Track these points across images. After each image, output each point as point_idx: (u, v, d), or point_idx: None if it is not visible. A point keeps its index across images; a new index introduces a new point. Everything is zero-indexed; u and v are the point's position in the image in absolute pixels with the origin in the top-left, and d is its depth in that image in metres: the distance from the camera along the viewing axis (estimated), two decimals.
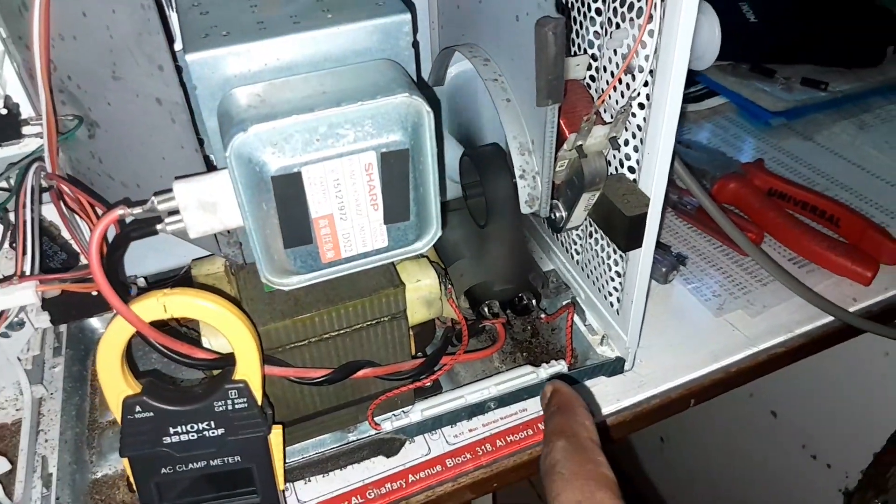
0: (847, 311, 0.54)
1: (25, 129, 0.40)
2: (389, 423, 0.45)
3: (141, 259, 0.50)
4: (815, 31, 0.81)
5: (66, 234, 0.44)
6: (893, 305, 0.57)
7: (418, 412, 0.45)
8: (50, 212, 0.43)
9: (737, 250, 0.61)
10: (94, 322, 0.55)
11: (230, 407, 0.36)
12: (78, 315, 0.46)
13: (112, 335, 0.34)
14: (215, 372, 0.40)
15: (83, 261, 0.43)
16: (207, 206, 0.33)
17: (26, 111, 0.41)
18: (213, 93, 0.33)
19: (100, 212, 0.40)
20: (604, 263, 0.48)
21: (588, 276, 0.51)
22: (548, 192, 0.38)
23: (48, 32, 0.34)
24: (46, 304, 0.44)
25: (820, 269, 0.59)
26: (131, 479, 0.37)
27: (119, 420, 0.36)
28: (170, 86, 0.34)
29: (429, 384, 0.47)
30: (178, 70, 0.34)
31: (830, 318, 0.55)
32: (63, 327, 0.54)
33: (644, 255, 0.42)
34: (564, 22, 0.31)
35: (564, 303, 0.53)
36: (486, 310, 0.51)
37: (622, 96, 0.40)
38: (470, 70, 0.48)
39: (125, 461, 0.37)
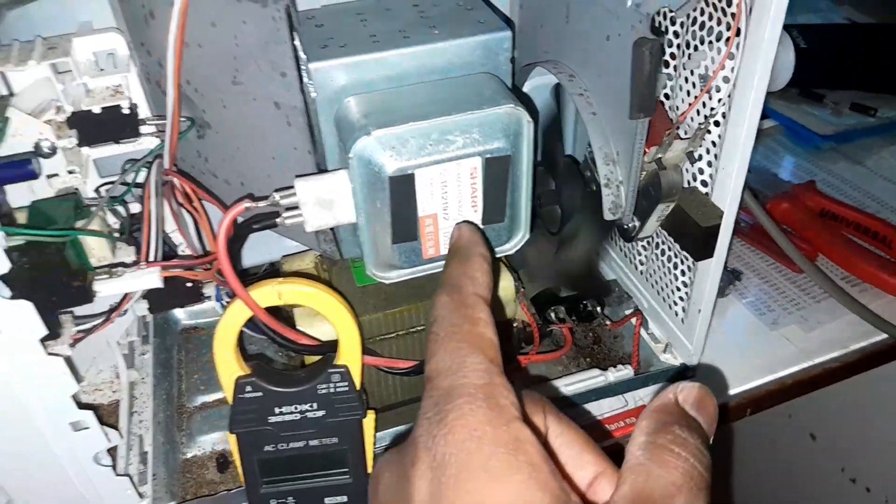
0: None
1: (142, 129, 0.43)
2: None
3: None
4: (863, 57, 0.83)
5: (169, 226, 0.47)
6: None
7: None
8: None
9: (791, 267, 0.63)
10: (178, 313, 0.59)
11: (332, 390, 0.39)
12: (172, 304, 0.49)
13: (230, 318, 0.37)
14: (311, 358, 0.43)
15: (181, 252, 0.46)
16: (325, 202, 0.36)
17: (142, 111, 0.44)
18: (330, 99, 0.36)
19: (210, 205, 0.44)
20: (670, 273, 0.50)
21: (652, 287, 0.54)
22: (632, 201, 0.41)
23: (182, 43, 0.38)
24: (146, 292, 0.48)
25: (872, 289, 0.61)
26: (235, 456, 0.40)
27: (230, 398, 0.39)
28: (291, 91, 0.37)
29: None
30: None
31: (884, 336, 0.57)
32: (149, 317, 0.57)
33: (714, 266, 0.45)
34: (660, 44, 0.34)
35: (628, 311, 0.55)
36: (552, 314, 0.54)
37: (697, 113, 0.42)
38: (534, 88, 0.50)
39: (231, 438, 0.40)
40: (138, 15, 0.42)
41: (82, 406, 0.37)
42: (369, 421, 0.40)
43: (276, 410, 0.39)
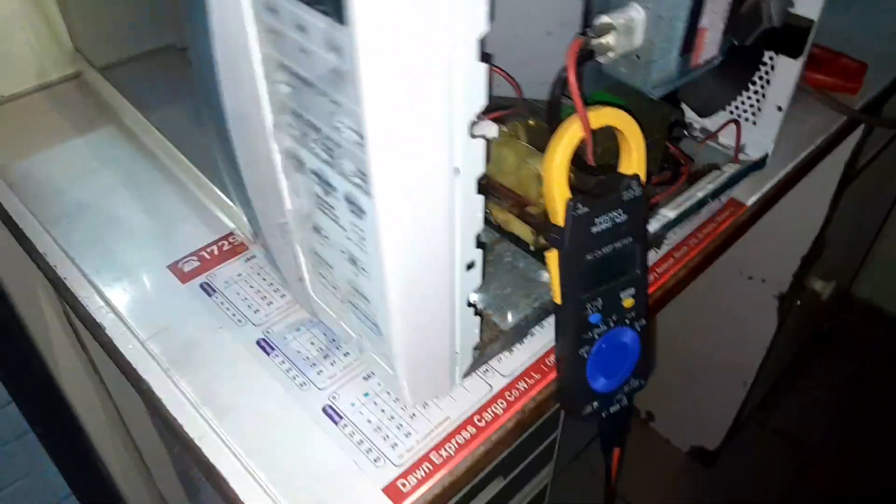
0: (854, 109, 0.77)
1: None
2: (656, 223, 0.58)
3: None
4: None
5: None
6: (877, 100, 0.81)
7: (671, 211, 0.59)
8: None
9: None
10: None
11: (631, 196, 0.47)
12: None
13: (568, 141, 0.43)
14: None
15: None
16: (628, 30, 0.44)
17: None
18: None
19: None
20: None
21: None
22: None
23: None
24: None
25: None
26: (554, 272, 0.47)
27: (561, 220, 0.45)
28: None
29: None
30: None
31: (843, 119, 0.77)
32: None
33: (800, 64, 0.59)
34: None
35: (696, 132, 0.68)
36: None
37: None
38: None
39: (551, 257, 0.46)
40: None
41: None
42: None
43: (596, 221, 0.46)
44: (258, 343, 0.53)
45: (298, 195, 0.42)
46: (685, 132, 0.67)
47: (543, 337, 0.54)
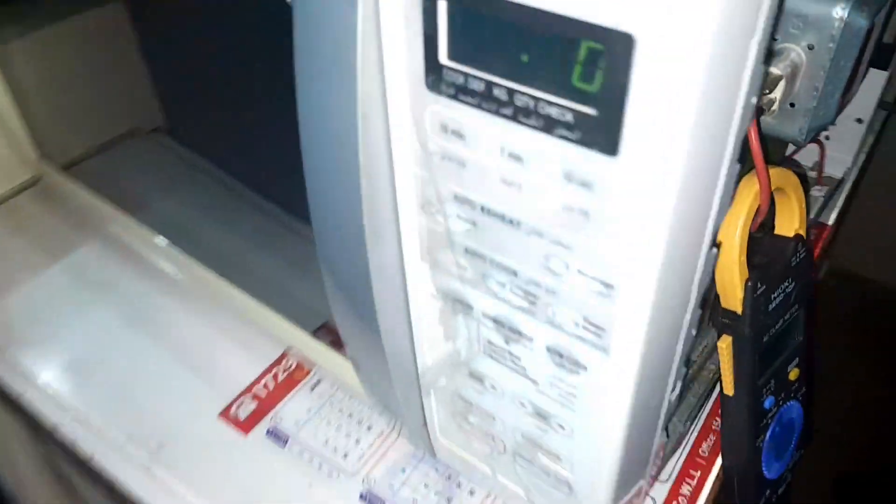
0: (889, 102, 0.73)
1: None
2: None
3: None
4: None
5: None
6: None
7: None
8: None
9: None
10: None
11: (798, 259, 0.40)
12: None
13: (749, 212, 0.35)
14: None
15: None
16: (792, 77, 0.37)
17: None
18: None
19: None
20: None
21: None
22: None
23: None
24: None
25: None
26: (726, 363, 0.39)
27: (738, 306, 0.38)
28: None
29: None
30: None
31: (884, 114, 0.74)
32: None
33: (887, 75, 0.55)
34: None
35: None
36: None
37: None
38: None
39: (724, 344, 0.39)
40: None
41: None
42: None
43: (772, 297, 0.39)
44: (362, 497, 0.44)
45: (453, 340, 0.33)
46: None
47: None
